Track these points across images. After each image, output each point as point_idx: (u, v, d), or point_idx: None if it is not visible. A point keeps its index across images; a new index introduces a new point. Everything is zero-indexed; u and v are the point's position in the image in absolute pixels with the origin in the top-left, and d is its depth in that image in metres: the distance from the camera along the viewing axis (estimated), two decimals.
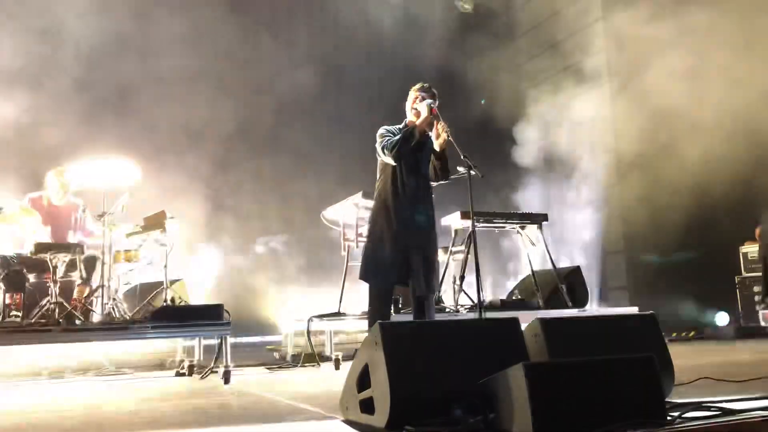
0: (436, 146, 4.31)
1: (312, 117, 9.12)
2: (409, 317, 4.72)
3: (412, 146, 4.34)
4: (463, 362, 2.85)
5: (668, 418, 2.59)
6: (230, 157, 8.54)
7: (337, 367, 5.99)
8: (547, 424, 2.38)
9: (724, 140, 8.07)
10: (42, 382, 5.52)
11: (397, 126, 4.49)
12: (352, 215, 6.32)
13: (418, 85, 4.49)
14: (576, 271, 7.17)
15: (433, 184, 4.55)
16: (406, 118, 4.53)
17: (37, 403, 4.25)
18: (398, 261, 4.27)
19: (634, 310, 6.28)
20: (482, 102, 10.66)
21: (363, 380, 2.89)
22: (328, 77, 9.16)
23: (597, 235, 10.11)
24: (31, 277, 5.57)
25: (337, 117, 8.92)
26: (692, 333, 9.19)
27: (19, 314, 4.99)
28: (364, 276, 4.42)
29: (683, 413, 2.66)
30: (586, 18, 10.23)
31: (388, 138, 4.37)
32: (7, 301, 5.03)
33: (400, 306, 5.80)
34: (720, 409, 2.77)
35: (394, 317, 4.91)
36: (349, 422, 2.96)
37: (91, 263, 5.55)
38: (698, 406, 2.81)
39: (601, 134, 10.35)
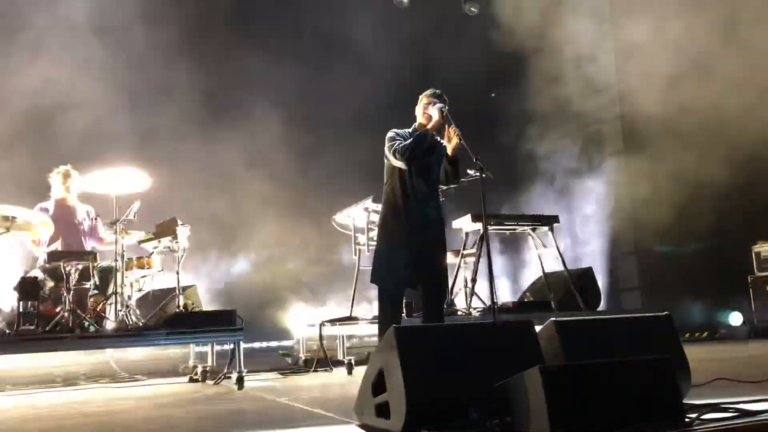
0: (449, 150, 4.32)
1: (323, 120, 9.12)
2: (419, 321, 4.71)
3: (423, 150, 4.35)
4: (479, 365, 2.85)
5: (686, 419, 2.58)
6: (241, 162, 8.55)
7: (349, 372, 6.00)
8: (564, 426, 2.37)
9: (735, 140, 8.03)
10: (57, 390, 5.55)
11: (407, 130, 4.49)
12: (362, 219, 6.33)
13: (429, 91, 4.50)
14: (588, 272, 7.14)
15: (443, 187, 4.55)
16: (415, 122, 4.53)
17: (53, 410, 4.27)
18: (409, 264, 4.27)
19: (647, 311, 6.25)
20: (492, 96, 10.62)
21: (378, 384, 2.89)
22: (341, 80, 9.17)
23: (608, 236, 10.06)
24: (48, 286, 5.59)
25: (350, 120, 8.90)
26: (705, 333, 9.14)
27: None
28: (375, 279, 4.43)
29: (701, 415, 2.65)
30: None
31: (398, 141, 4.36)
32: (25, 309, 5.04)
33: (412, 310, 5.79)
34: (738, 410, 2.76)
35: (405, 321, 4.90)
36: (365, 427, 2.96)
37: (106, 275, 5.57)
38: (716, 408, 2.80)
39: (611, 133, 10.34)
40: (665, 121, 8.72)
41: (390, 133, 4.45)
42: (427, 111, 4.44)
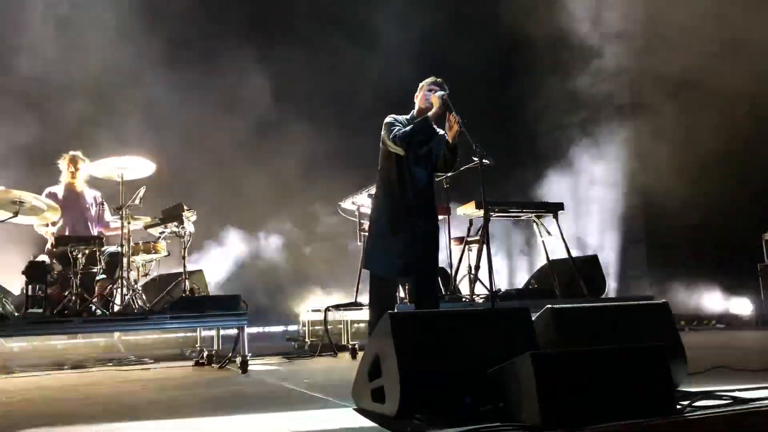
0: (449, 137, 4.31)
1: (333, 108, 9.13)
2: (412, 307, 4.69)
3: (423, 137, 4.35)
4: (474, 351, 2.87)
5: (678, 406, 2.59)
6: (248, 148, 8.58)
7: (353, 357, 6.03)
8: (555, 413, 2.39)
9: (746, 125, 7.97)
10: (64, 372, 5.64)
11: (405, 116, 4.48)
12: (368, 206, 6.35)
13: (430, 79, 4.49)
14: (593, 259, 7.12)
15: (441, 174, 4.54)
16: (413, 109, 4.53)
17: (60, 392, 4.35)
18: (403, 252, 4.27)
19: (650, 298, 6.24)
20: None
21: (374, 370, 2.92)
22: (351, 71, 9.18)
23: (617, 223, 10.03)
24: (55, 270, 5.66)
25: (358, 108, 8.90)
26: (713, 321, 9.10)
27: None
28: (369, 265, 4.45)
29: (693, 402, 2.66)
30: None
31: (397, 127, 4.36)
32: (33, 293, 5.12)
33: (405, 295, 5.80)
34: (732, 398, 2.76)
35: (399, 307, 4.91)
36: (361, 411, 2.99)
37: (113, 260, 5.63)
38: (709, 395, 2.81)
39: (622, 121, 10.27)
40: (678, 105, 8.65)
41: (388, 119, 4.45)
42: (427, 98, 4.43)
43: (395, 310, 4.02)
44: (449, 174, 4.52)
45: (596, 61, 9.98)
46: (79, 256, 5.28)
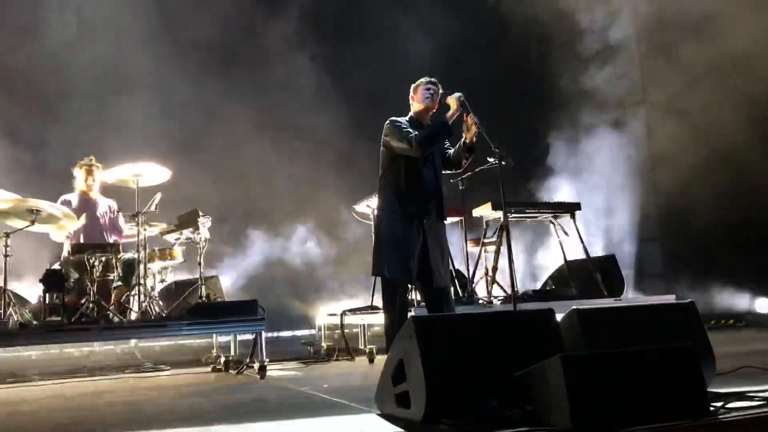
0: (467, 138, 4.28)
1: (344, 111, 9.10)
2: (424, 311, 4.61)
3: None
4: (499, 354, 2.83)
5: (710, 408, 2.54)
6: (263, 153, 8.57)
7: (371, 361, 6.00)
8: (586, 416, 2.35)
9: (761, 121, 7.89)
10: (83, 380, 5.64)
11: (404, 118, 4.44)
12: None
13: (424, 79, 4.47)
14: (611, 259, 7.06)
15: (446, 172, 4.50)
16: (410, 111, 4.50)
17: (79, 400, 4.34)
18: (412, 256, 4.22)
19: (671, 298, 6.16)
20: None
21: (398, 374, 2.88)
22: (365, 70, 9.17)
23: (632, 222, 9.94)
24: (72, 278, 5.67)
25: (370, 111, 8.89)
26: (732, 320, 9.00)
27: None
28: (379, 271, 4.36)
29: (726, 404, 2.61)
30: None
31: (405, 130, 4.31)
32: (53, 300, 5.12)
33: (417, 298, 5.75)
34: (764, 399, 2.71)
35: (414, 311, 4.86)
36: (386, 416, 2.96)
37: (129, 267, 5.63)
38: (742, 396, 2.75)
39: (635, 120, 10.19)
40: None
41: (392, 121, 4.40)
42: (425, 98, 4.41)
43: (411, 314, 4.00)
44: (465, 174, 4.46)
45: (610, 56, 9.90)
46: (96, 263, 5.28)
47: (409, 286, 4.81)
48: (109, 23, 8.13)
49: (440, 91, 4.39)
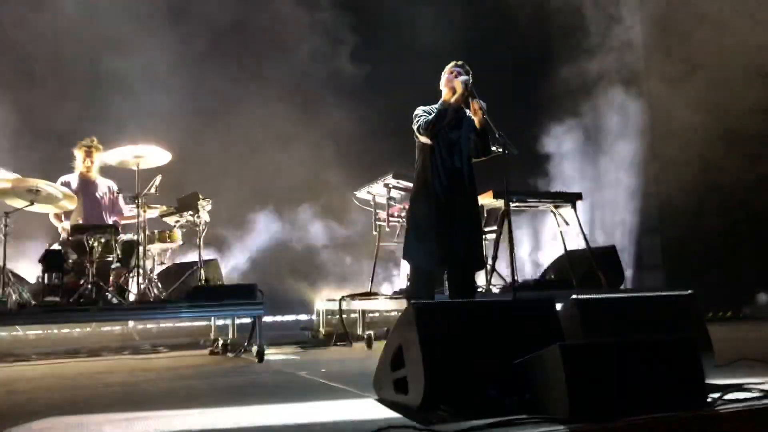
0: (476, 123, 4.27)
1: (347, 96, 9.04)
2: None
3: (450, 123, 4.32)
4: (498, 342, 2.83)
5: (708, 400, 2.54)
6: (265, 138, 8.53)
7: (369, 346, 6.02)
8: (584, 405, 2.35)
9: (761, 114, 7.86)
10: (81, 360, 5.65)
11: (434, 106, 4.43)
12: (383, 196, 6.31)
13: (451, 64, 4.45)
14: (611, 250, 7.03)
15: (474, 160, 4.49)
16: (440, 98, 4.48)
17: (76, 380, 4.35)
18: (443, 241, 4.24)
19: (670, 289, 6.15)
20: None
21: (397, 360, 2.88)
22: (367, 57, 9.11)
23: (632, 213, 9.92)
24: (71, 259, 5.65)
25: (374, 97, 8.82)
26: (730, 312, 9.00)
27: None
28: (407, 255, 4.44)
29: (724, 395, 2.60)
30: None
31: (424, 117, 4.34)
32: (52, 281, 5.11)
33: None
34: (762, 390, 2.71)
35: (441, 297, 4.86)
36: (383, 401, 2.96)
37: (128, 248, 5.61)
38: (740, 388, 2.75)
39: (637, 112, 10.13)
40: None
41: (417, 110, 4.44)
42: (451, 84, 4.38)
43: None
44: (483, 159, 4.41)
45: (612, 46, 9.84)
46: (95, 244, 5.26)
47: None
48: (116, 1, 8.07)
49: (468, 79, 4.32)
